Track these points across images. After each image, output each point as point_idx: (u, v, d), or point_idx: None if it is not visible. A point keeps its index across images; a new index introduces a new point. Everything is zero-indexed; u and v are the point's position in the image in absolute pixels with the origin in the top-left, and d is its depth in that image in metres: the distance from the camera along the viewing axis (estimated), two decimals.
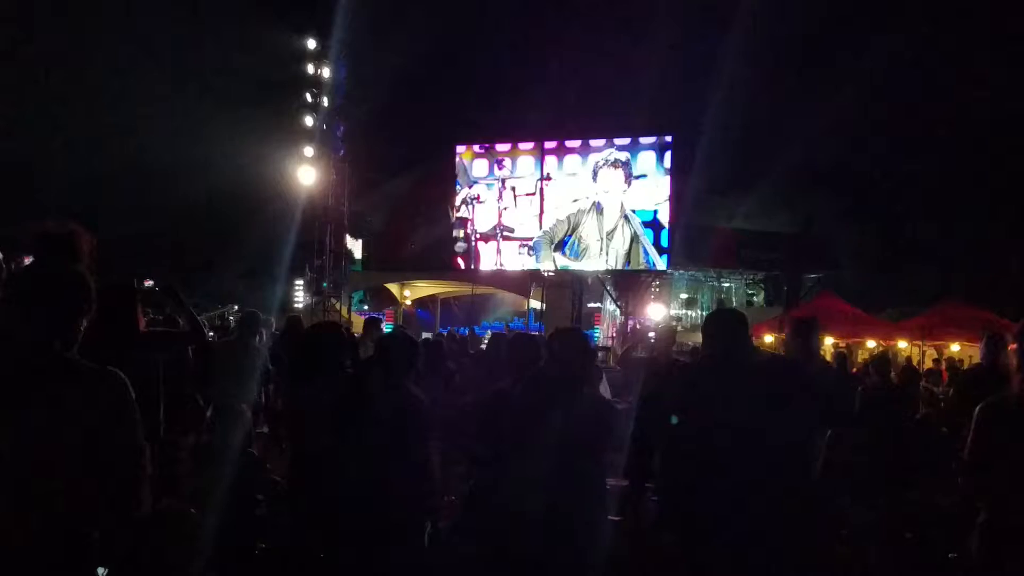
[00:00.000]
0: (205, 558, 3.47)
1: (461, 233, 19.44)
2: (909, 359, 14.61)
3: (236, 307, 18.21)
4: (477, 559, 3.57)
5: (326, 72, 19.79)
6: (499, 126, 22.93)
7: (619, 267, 18.28)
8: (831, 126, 23.05)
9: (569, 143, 18.62)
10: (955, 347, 15.22)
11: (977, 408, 2.64)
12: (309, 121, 19.85)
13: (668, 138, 17.87)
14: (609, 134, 18.66)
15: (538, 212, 18.69)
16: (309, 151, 19.83)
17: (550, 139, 18.99)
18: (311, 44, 19.72)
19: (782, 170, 23.74)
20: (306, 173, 19.68)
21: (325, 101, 19.99)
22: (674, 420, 3.50)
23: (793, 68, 29.77)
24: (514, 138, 19.32)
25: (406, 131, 27.82)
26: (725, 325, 3.60)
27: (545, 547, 3.29)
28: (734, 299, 29.52)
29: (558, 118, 21.30)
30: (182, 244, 27.31)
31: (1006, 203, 24.16)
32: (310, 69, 19.77)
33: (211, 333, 10.66)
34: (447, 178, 19.97)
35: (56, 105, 22.28)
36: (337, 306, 21.58)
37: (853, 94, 23.10)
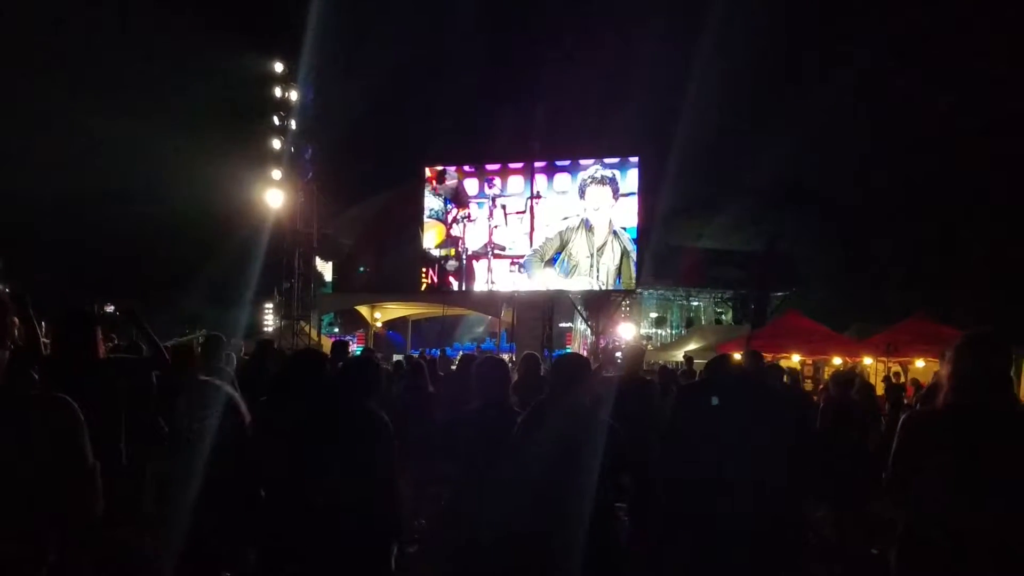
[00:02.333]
0: None
1: (452, 251, 19.47)
2: (863, 376, 14.81)
3: (204, 331, 17.95)
4: None
5: (293, 95, 19.76)
6: (470, 147, 23.04)
7: (610, 283, 18.38)
8: (797, 146, 23.48)
9: (559, 162, 18.80)
10: (920, 363, 15.46)
11: (901, 419, 2.71)
12: (276, 144, 19.78)
13: (635, 159, 18.08)
14: (569, 155, 18.87)
15: (528, 230, 18.78)
16: (277, 174, 19.73)
17: (519, 160, 19.13)
18: (278, 67, 19.68)
19: (749, 190, 24.12)
20: (274, 196, 19.57)
21: (293, 124, 19.93)
22: (714, 400, 3.94)
23: (760, 90, 30.33)
24: (487, 160, 19.43)
25: (375, 153, 27.84)
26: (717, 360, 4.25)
27: (515, 569, 3.29)
28: (703, 317, 29.81)
29: (526, 139, 21.43)
30: (148, 268, 26.96)
31: (970, 220, 24.74)
32: (277, 92, 19.72)
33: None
34: (416, 200, 19.99)
35: (17, 128, 21.95)
36: (307, 329, 21.40)
37: (819, 115, 23.56)
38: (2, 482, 1.89)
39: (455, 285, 19.77)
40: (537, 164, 18.99)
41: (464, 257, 19.34)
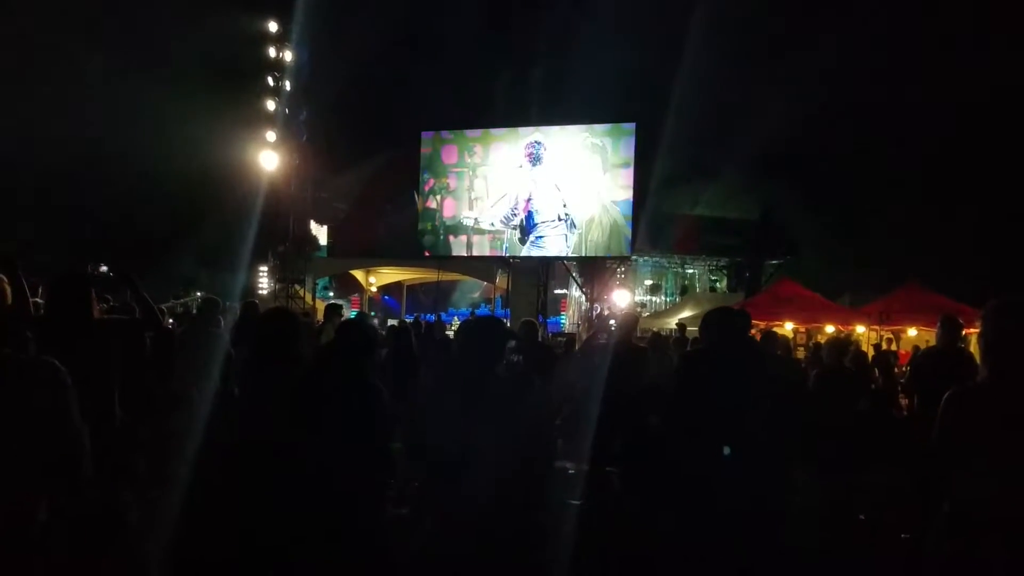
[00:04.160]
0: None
1: (429, 225, 19.33)
2: (857, 345, 14.89)
3: (199, 294, 17.93)
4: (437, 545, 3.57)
5: (288, 55, 19.48)
6: (466, 112, 22.84)
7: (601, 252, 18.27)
8: (793, 112, 23.33)
9: (543, 128, 18.54)
10: (912, 332, 15.57)
11: (944, 396, 2.57)
12: (271, 105, 19.54)
13: (631, 125, 17.93)
14: (571, 121, 18.68)
15: (508, 201, 18.61)
16: (271, 136, 19.53)
17: (519, 125, 18.94)
18: (272, 26, 19.37)
19: (745, 157, 24.01)
20: (268, 158, 19.39)
21: (287, 85, 19.68)
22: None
23: (756, 56, 30.06)
24: (483, 125, 19.25)
25: (372, 116, 27.58)
26: (718, 322, 4.28)
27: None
28: (697, 285, 29.85)
29: (526, 105, 21.25)
30: (141, 229, 26.78)
31: (964, 189, 24.72)
32: (271, 52, 19.44)
33: (171, 320, 10.51)
34: (413, 165, 19.85)
35: (5, 89, 21.65)
36: (301, 292, 21.38)
37: (815, 82, 23.40)
38: None
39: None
40: (521, 131, 18.75)
41: (442, 229, 19.19)
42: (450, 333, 12.48)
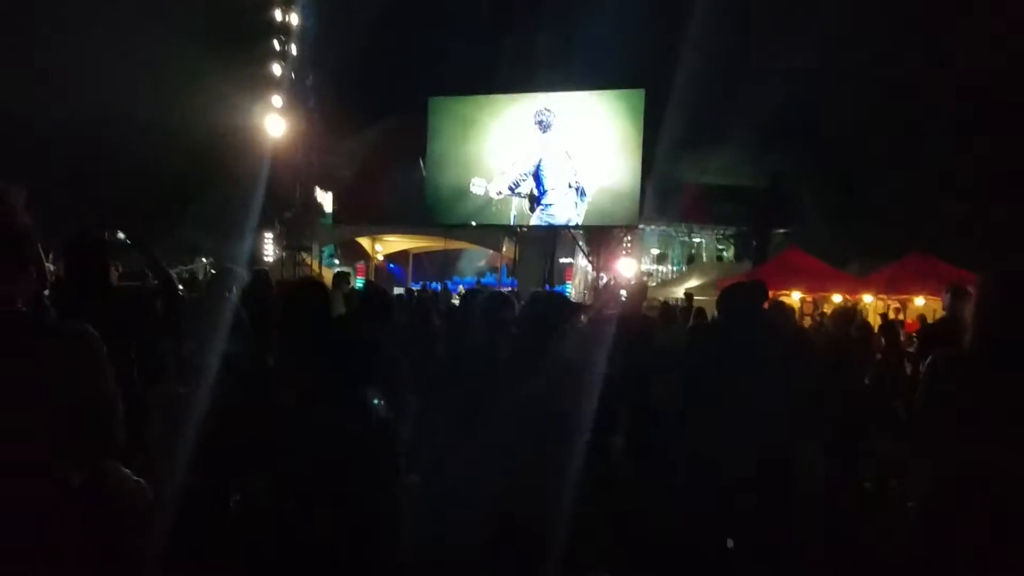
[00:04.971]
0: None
1: (436, 193, 19.26)
2: (862, 314, 14.89)
3: (204, 260, 17.97)
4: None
5: (294, 18, 19.30)
6: (475, 77, 22.63)
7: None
8: (801, 79, 23.08)
9: (552, 95, 18.40)
10: (920, 301, 15.54)
11: (928, 360, 2.65)
12: (277, 70, 19.42)
13: (639, 92, 17.79)
14: (579, 87, 18.53)
15: (517, 168, 18.55)
16: (277, 100, 19.43)
17: (526, 90, 18.80)
18: None
19: (753, 125, 23.77)
20: (274, 123, 19.31)
21: (294, 49, 19.53)
22: None
23: (764, 22, 29.62)
24: (491, 91, 19.12)
25: (378, 81, 27.33)
26: (734, 296, 4.31)
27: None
28: (704, 254, 29.80)
29: (534, 70, 21.05)
30: (146, 194, 26.71)
31: (971, 159, 24.52)
32: (278, 15, 19.27)
33: (180, 287, 10.53)
34: (420, 130, 19.74)
35: (12, 51, 21.48)
36: (307, 260, 21.41)
37: (824, 47, 23.09)
38: (28, 413, 1.92)
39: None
40: (528, 95, 18.62)
41: (449, 200, 19.11)
42: (456, 302, 12.48)
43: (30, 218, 2.11)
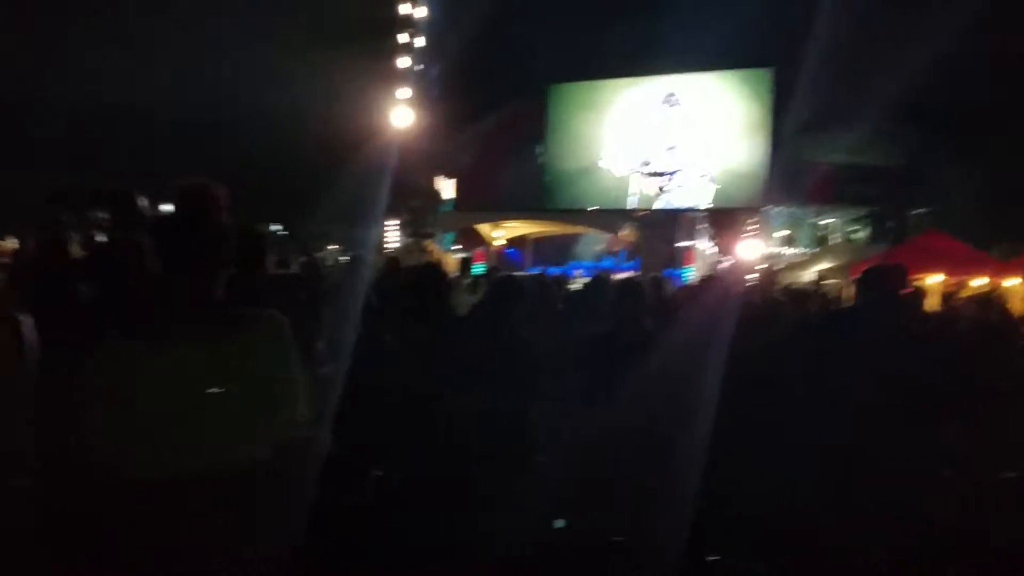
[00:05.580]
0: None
1: (554, 178, 19.29)
2: (1002, 298, 13.89)
3: (339, 248, 18.71)
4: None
5: (422, 11, 19.69)
6: (595, 61, 22.43)
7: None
8: (939, 56, 21.58)
9: (675, 76, 18.10)
10: None
11: None
12: (405, 62, 19.90)
13: (768, 71, 17.22)
14: (704, 68, 18.11)
15: (640, 152, 18.38)
16: (405, 92, 19.94)
17: (649, 74, 18.55)
18: None
19: (885, 102, 22.46)
20: (401, 115, 19.83)
21: (421, 41, 19.93)
22: None
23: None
24: (611, 75, 18.98)
25: (499, 68, 27.52)
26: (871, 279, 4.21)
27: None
28: (830, 237, 28.51)
29: (656, 52, 20.68)
30: (277, 186, 27.99)
31: None
32: (406, 9, 19.72)
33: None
34: (538, 116, 19.85)
35: (135, 48, 22.80)
36: (430, 247, 21.98)
37: (958, 24, 21.50)
38: (234, 395, 2.07)
39: None
40: (652, 78, 18.32)
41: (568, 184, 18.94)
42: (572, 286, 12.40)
43: (229, 217, 2.28)
